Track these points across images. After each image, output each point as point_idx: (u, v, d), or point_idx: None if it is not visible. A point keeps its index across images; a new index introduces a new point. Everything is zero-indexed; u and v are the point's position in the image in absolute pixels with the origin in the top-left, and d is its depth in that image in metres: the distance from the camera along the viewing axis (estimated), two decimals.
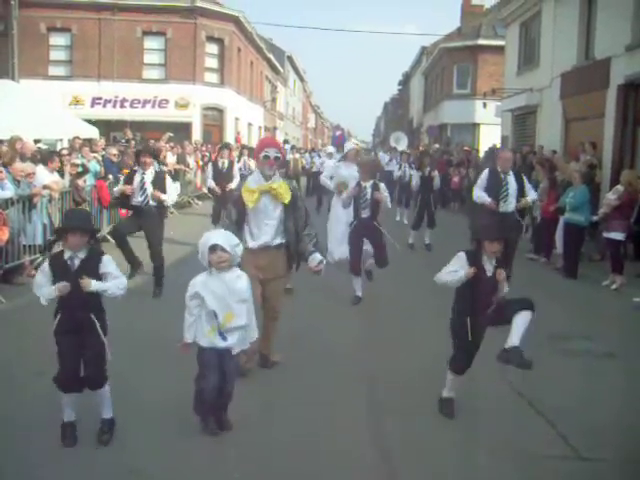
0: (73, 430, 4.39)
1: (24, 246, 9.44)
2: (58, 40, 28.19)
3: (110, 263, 4.42)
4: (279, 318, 5.91)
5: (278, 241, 5.64)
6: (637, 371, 6.19)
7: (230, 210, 5.74)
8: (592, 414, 5.08)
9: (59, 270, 4.29)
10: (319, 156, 21.09)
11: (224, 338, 4.38)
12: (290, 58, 51.96)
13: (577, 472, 4.31)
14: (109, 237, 10.66)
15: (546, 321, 7.88)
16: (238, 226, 5.59)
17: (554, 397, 5.37)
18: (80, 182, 11.06)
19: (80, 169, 11.56)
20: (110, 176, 13.04)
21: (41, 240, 9.79)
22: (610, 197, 10.08)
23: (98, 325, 4.33)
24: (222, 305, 4.35)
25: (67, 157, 12.19)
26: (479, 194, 9.24)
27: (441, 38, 38.80)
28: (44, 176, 10.12)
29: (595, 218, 10.54)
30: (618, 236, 9.86)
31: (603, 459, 4.42)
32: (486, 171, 9.49)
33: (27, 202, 9.41)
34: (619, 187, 10.11)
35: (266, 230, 5.61)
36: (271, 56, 42.64)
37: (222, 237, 4.40)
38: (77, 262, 4.29)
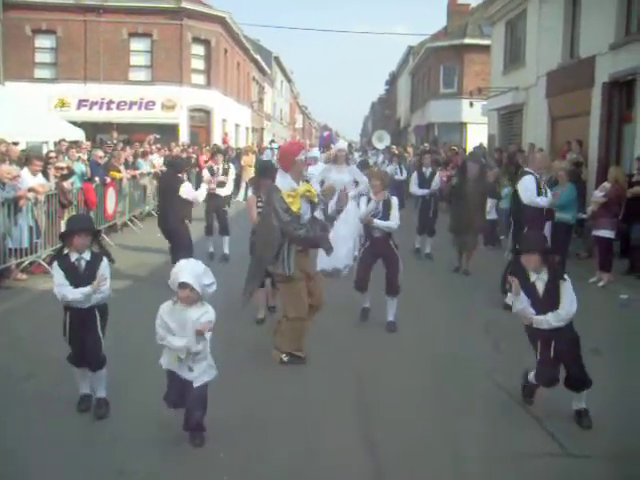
0: (89, 399, 4.92)
1: (10, 249, 9.39)
2: (43, 42, 28.03)
3: (107, 268, 4.83)
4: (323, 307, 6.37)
5: None
6: (624, 368, 6.22)
7: (277, 217, 5.78)
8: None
9: (69, 271, 4.69)
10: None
11: (190, 369, 4.34)
12: (277, 59, 51.90)
13: (565, 469, 4.33)
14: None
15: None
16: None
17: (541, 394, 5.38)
18: (66, 184, 10.99)
19: (65, 171, 11.49)
20: (97, 178, 12.97)
21: (27, 243, 9.74)
22: (597, 194, 10.13)
23: (99, 320, 4.80)
24: (183, 335, 4.28)
25: (53, 159, 12.11)
26: (537, 200, 8.37)
27: (428, 38, 38.91)
28: (28, 179, 10.06)
29: (584, 216, 10.58)
30: (608, 234, 9.89)
31: (591, 456, 4.44)
32: (530, 177, 8.54)
33: (12, 205, 9.35)
34: (606, 184, 10.16)
35: None
36: (258, 57, 42.58)
37: (193, 276, 4.21)
38: (83, 264, 4.75)
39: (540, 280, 4.76)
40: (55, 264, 4.77)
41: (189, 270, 4.23)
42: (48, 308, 4.63)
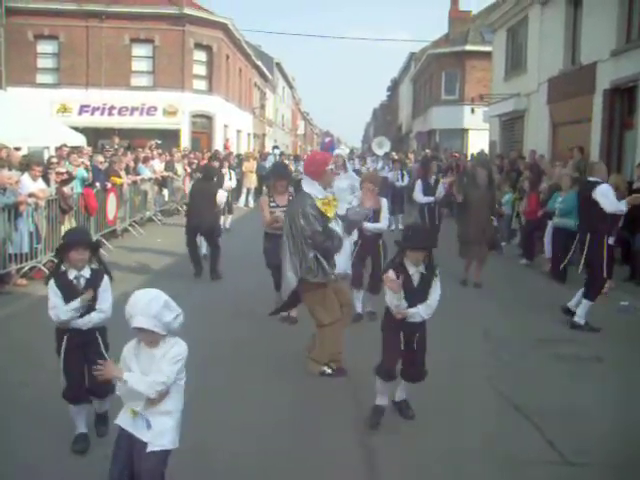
0: (86, 439, 4.44)
1: (10, 255, 9.38)
2: (45, 48, 28.06)
3: (107, 288, 4.43)
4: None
5: None
6: (624, 375, 6.19)
7: (309, 225, 5.76)
8: (579, 419, 5.08)
9: (67, 290, 4.29)
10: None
11: (148, 425, 3.31)
12: (279, 65, 52.00)
13: (563, 477, 4.30)
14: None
15: (534, 325, 7.93)
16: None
17: (541, 401, 5.37)
18: (66, 190, 10.99)
19: (66, 177, 11.49)
20: (97, 184, 12.97)
21: (27, 248, 9.73)
22: None
23: (101, 341, 4.45)
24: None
25: (54, 165, 12.12)
26: (622, 207, 8.13)
27: (429, 44, 38.98)
28: (28, 185, 10.07)
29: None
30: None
31: (589, 464, 4.41)
32: (607, 185, 8.27)
33: (13, 210, 9.35)
34: None
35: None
36: (260, 63, 42.66)
37: (150, 317, 3.23)
38: (83, 282, 4.35)
39: (417, 273, 4.82)
40: (51, 283, 4.33)
41: (142, 311, 3.23)
42: (46, 314, 4.59)
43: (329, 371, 6.01)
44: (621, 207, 8.06)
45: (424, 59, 38.05)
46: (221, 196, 10.82)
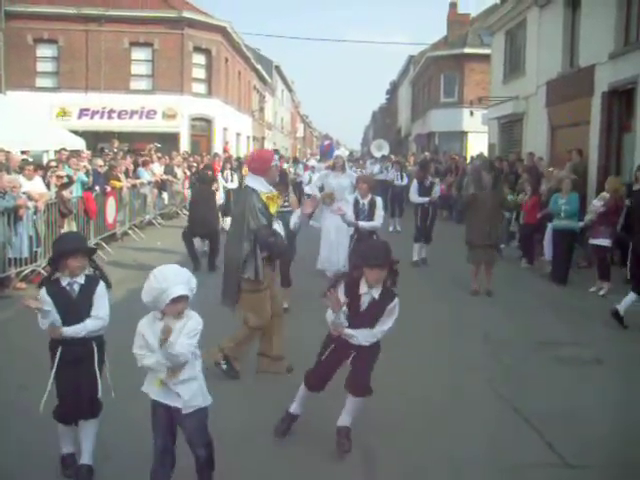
0: (73, 460, 4.22)
1: (9, 259, 9.39)
2: (45, 51, 28.09)
3: (103, 295, 4.17)
4: (282, 315, 6.37)
5: None
6: (624, 377, 6.20)
7: (255, 219, 5.74)
8: (579, 421, 5.09)
9: (59, 298, 4.04)
10: (303, 166, 20.87)
11: (177, 395, 3.63)
12: (278, 68, 52.04)
13: (563, 479, 4.31)
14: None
15: (534, 327, 7.94)
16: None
17: (541, 404, 5.38)
18: (66, 193, 11.00)
19: (65, 180, 11.51)
20: (97, 187, 12.99)
21: (27, 253, 9.74)
22: (596, 204, 10.12)
23: (96, 355, 4.14)
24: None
25: (54, 168, 12.15)
26: None
27: (428, 47, 39.01)
28: (25, 186, 10.09)
29: (581, 224, 10.58)
30: (604, 242, 9.91)
31: (589, 466, 4.42)
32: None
33: (12, 214, 9.36)
34: (605, 194, 10.16)
35: None
36: (259, 66, 42.70)
37: (186, 285, 3.57)
38: (77, 288, 4.10)
39: (368, 295, 4.39)
40: (42, 291, 4.05)
41: (178, 280, 3.55)
42: None
43: (224, 367, 5.90)
44: None
45: (423, 62, 38.08)
46: (218, 199, 11.23)
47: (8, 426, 4.85)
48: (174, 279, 3.53)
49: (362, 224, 8.26)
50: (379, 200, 8.67)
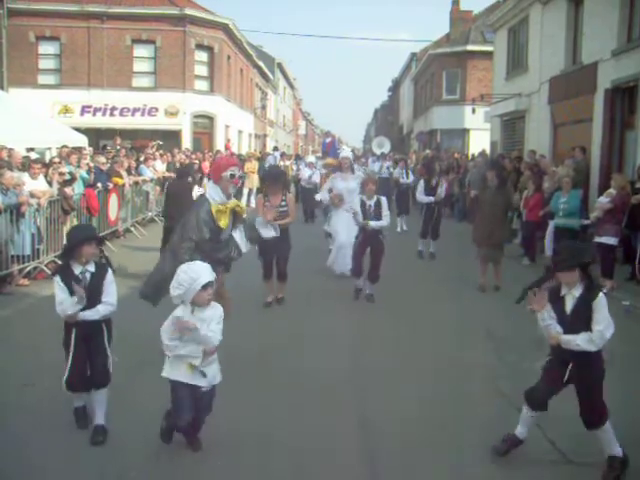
0: (84, 412, 4.75)
1: (12, 256, 9.40)
2: (47, 49, 28.09)
3: (112, 282, 4.69)
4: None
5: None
6: (625, 375, 6.19)
7: (198, 231, 5.65)
8: (580, 419, 5.07)
9: (70, 285, 4.44)
10: (305, 163, 20.84)
11: (204, 375, 4.24)
12: (280, 65, 52.03)
13: (565, 477, 4.32)
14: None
15: (535, 325, 7.90)
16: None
17: None
18: (68, 190, 11.01)
19: (68, 177, 11.52)
20: (99, 184, 13.00)
21: (29, 250, 9.76)
22: (603, 201, 10.07)
23: (105, 333, 4.66)
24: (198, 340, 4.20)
25: (57, 165, 12.16)
26: None
27: (430, 44, 38.97)
28: (29, 184, 10.10)
29: (587, 222, 10.55)
30: (610, 240, 9.84)
31: (591, 463, 4.41)
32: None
33: (15, 211, 9.37)
34: (612, 190, 10.10)
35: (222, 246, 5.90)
36: (261, 63, 42.68)
37: (210, 274, 4.24)
38: (88, 276, 4.56)
39: (571, 295, 4.28)
40: (57, 279, 4.54)
41: (205, 270, 4.22)
42: (49, 314, 4.58)
43: None
44: None
45: (425, 59, 38.03)
46: (197, 193, 10.50)
47: (12, 423, 4.86)
48: (201, 270, 4.17)
49: (371, 223, 8.53)
50: (384, 200, 8.84)
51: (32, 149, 13.99)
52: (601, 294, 4.22)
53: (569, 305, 4.25)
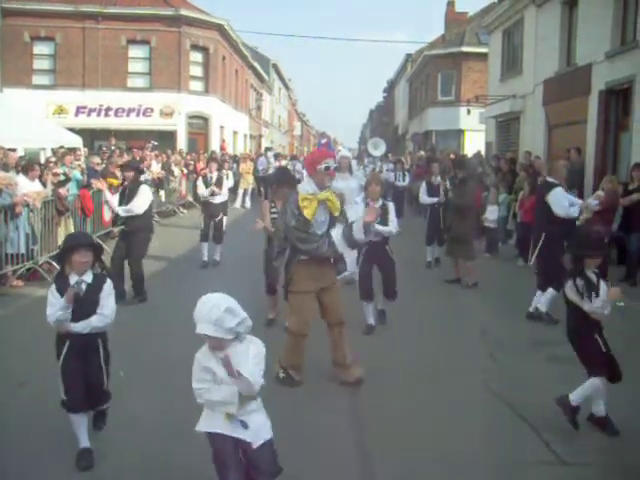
0: (90, 454, 4.29)
1: (6, 255, 9.36)
2: (42, 49, 28.05)
3: (110, 294, 4.31)
4: (344, 323, 5.84)
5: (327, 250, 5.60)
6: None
7: (287, 220, 5.59)
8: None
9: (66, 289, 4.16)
10: (301, 165, 20.84)
11: (244, 426, 3.35)
12: (275, 66, 52.03)
13: (560, 478, 4.32)
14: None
15: (530, 326, 7.94)
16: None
17: (537, 403, 5.38)
18: (62, 191, 10.99)
19: (62, 178, 11.50)
20: (94, 180, 12.96)
21: (24, 249, 9.73)
22: (592, 202, 10.11)
23: (101, 348, 4.34)
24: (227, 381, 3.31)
25: (50, 165, 12.14)
26: (572, 212, 8.26)
27: (426, 45, 39.03)
28: (24, 185, 10.07)
29: (577, 223, 10.58)
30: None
31: (585, 464, 4.43)
32: (560, 188, 8.30)
33: (9, 211, 9.34)
34: (600, 192, 10.15)
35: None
36: (256, 64, 42.68)
37: (211, 324, 3.19)
38: (84, 287, 4.20)
39: (594, 275, 4.91)
40: (52, 287, 4.22)
41: (204, 318, 3.20)
42: (43, 315, 4.55)
43: (281, 375, 5.74)
44: (572, 213, 8.24)
45: (420, 60, 38.09)
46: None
47: (8, 423, 4.84)
48: (202, 315, 3.20)
49: (377, 227, 6.96)
50: (391, 205, 7.74)
51: (14, 149, 13.77)
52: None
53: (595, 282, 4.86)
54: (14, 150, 13.89)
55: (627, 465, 4.49)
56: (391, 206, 7.65)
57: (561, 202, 8.08)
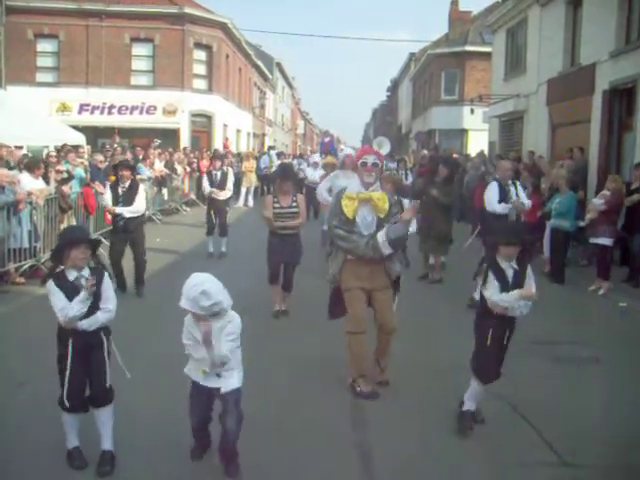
0: (80, 454, 4.28)
1: (9, 251, 9.36)
2: (45, 47, 28.08)
3: (110, 287, 4.31)
4: (394, 332, 5.67)
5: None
6: (622, 376, 6.20)
7: (331, 217, 5.64)
8: (577, 420, 5.09)
9: (68, 292, 4.08)
10: (307, 163, 20.82)
11: (218, 375, 4.03)
12: (279, 65, 51.99)
13: (561, 478, 4.31)
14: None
15: (532, 326, 7.90)
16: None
17: (539, 403, 5.37)
18: (65, 189, 10.99)
19: (65, 175, 11.50)
20: (97, 182, 12.96)
21: (27, 243, 9.73)
22: (597, 202, 10.11)
23: (105, 344, 4.28)
24: (208, 349, 3.94)
25: (53, 163, 12.14)
26: (496, 207, 8.68)
27: (429, 44, 38.98)
28: (29, 183, 10.07)
29: (582, 224, 10.57)
30: (606, 241, 9.88)
31: (587, 465, 4.42)
32: (494, 184, 8.94)
33: (12, 208, 9.35)
34: (605, 192, 10.14)
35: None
36: (260, 63, 42.66)
37: (190, 301, 3.80)
38: (83, 282, 4.08)
39: (510, 268, 4.68)
40: (50, 283, 4.12)
41: (185, 293, 3.80)
42: (45, 312, 4.53)
43: (357, 389, 5.56)
44: (495, 208, 8.66)
45: (424, 59, 38.04)
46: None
47: (8, 423, 4.84)
48: (185, 291, 3.80)
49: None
50: (407, 202, 7.39)
51: (20, 147, 13.86)
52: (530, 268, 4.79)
53: (509, 276, 4.69)
54: (21, 147, 13.95)
55: (629, 466, 4.48)
56: (407, 203, 7.34)
57: (490, 198, 8.74)
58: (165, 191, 18.57)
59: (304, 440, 4.69)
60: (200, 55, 29.90)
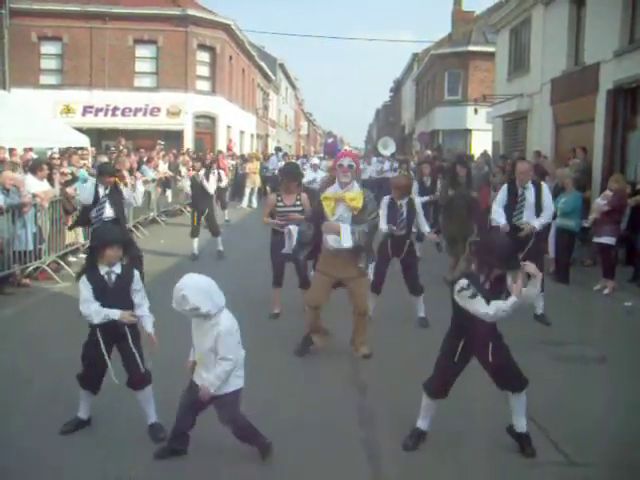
0: (80, 426, 4.66)
1: (14, 253, 9.38)
2: (49, 49, 28.16)
3: (140, 282, 4.66)
4: (366, 314, 6.49)
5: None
6: (628, 376, 6.18)
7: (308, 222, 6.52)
8: (583, 419, 5.08)
9: (97, 286, 4.44)
10: (310, 164, 20.78)
11: (206, 369, 4.15)
12: (282, 66, 52.04)
13: (568, 478, 4.30)
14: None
15: (538, 326, 7.91)
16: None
17: (546, 403, 5.35)
18: (70, 190, 11.00)
19: (69, 177, 11.53)
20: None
21: (32, 246, 9.75)
22: (600, 202, 10.10)
23: (130, 335, 4.55)
24: (198, 344, 4.20)
25: (57, 165, 12.16)
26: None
27: (432, 44, 38.97)
28: (33, 185, 10.09)
29: (585, 224, 10.56)
30: (609, 241, 9.87)
31: (594, 464, 4.41)
32: (504, 187, 8.36)
33: (17, 211, 9.37)
34: (608, 192, 10.14)
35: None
36: (263, 64, 42.70)
37: (177, 304, 4.05)
38: (114, 277, 4.50)
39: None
40: (83, 278, 4.46)
41: (173, 294, 4.05)
42: (50, 313, 4.54)
43: (314, 339, 6.63)
44: (498, 221, 8.38)
45: (427, 59, 38.02)
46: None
47: (15, 421, 4.85)
48: (175, 292, 4.02)
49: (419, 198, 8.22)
50: (417, 200, 8.00)
51: (31, 149, 13.96)
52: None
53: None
54: (30, 150, 14.00)
55: (636, 464, 4.46)
56: (418, 202, 8.02)
57: (495, 207, 8.51)
58: (169, 192, 18.59)
59: (306, 440, 4.68)
60: (203, 56, 29.95)
